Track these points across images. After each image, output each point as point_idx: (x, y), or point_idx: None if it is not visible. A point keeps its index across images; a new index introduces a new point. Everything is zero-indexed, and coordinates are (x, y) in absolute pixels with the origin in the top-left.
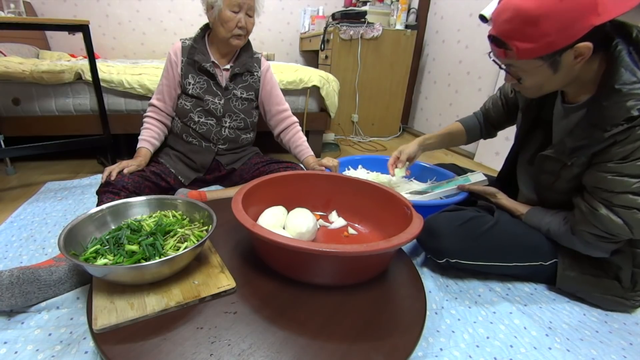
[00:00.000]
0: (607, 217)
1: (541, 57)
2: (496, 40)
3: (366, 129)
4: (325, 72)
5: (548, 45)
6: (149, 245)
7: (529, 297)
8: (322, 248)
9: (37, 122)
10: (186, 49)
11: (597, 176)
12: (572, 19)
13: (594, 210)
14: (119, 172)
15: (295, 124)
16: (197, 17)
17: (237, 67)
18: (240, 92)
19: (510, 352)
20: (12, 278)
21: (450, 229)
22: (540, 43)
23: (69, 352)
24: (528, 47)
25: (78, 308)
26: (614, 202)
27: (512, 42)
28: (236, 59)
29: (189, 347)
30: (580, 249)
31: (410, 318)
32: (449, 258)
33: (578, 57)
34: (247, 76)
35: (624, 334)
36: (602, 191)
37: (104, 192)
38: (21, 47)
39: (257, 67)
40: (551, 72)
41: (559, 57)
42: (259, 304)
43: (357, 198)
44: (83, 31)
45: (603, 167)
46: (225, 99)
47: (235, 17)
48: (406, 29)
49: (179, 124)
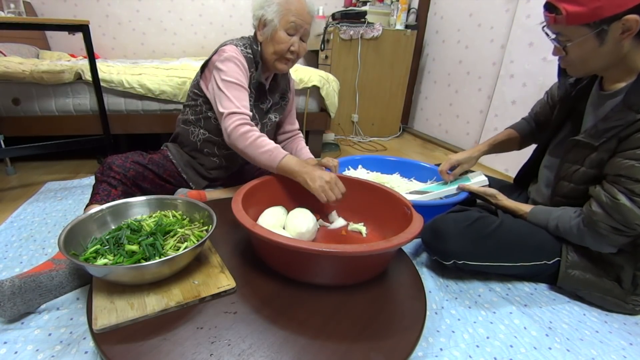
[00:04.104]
0: (626, 207)
1: (588, 25)
2: (548, 5)
3: (366, 129)
4: (325, 72)
5: (596, 10)
6: (149, 245)
7: (529, 297)
8: (322, 248)
9: (37, 122)
10: (248, 60)
11: (622, 164)
12: None
13: (615, 200)
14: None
15: (300, 137)
16: (197, 17)
17: (277, 92)
18: (274, 117)
19: (510, 352)
20: (13, 288)
21: (457, 230)
22: (589, 7)
23: (69, 352)
24: (577, 10)
25: (78, 308)
26: (636, 191)
27: (562, 5)
28: (273, 80)
29: (189, 347)
30: (589, 243)
31: (410, 318)
32: (456, 260)
33: (625, 32)
34: (279, 99)
35: (624, 334)
36: (624, 179)
37: (101, 181)
38: (21, 47)
39: (288, 88)
40: (597, 43)
41: (606, 26)
42: (259, 304)
43: (357, 198)
44: (83, 31)
45: (629, 154)
46: (261, 124)
47: (290, 39)
48: (406, 29)
49: (202, 136)
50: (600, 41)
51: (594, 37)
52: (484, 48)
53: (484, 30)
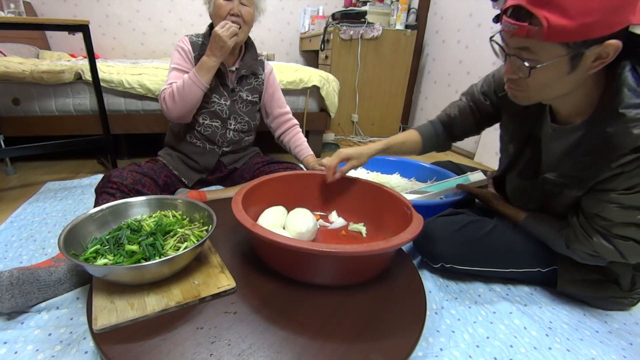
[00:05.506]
0: (601, 245)
1: (567, 45)
2: (518, 12)
3: (366, 129)
4: (325, 72)
5: (585, 28)
6: (149, 245)
7: (529, 297)
8: (322, 248)
9: (37, 122)
10: (195, 44)
11: (598, 204)
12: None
13: (589, 238)
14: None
15: (296, 125)
16: (197, 17)
17: (244, 68)
18: (245, 95)
19: (510, 352)
20: (11, 279)
21: (445, 234)
22: (578, 22)
23: (69, 352)
24: (562, 24)
25: (78, 308)
26: (612, 232)
27: (542, 13)
28: (241, 60)
29: (189, 347)
30: (578, 260)
31: (410, 318)
32: (444, 263)
33: (598, 59)
34: (252, 79)
35: (624, 334)
36: (601, 219)
37: (100, 193)
38: (21, 47)
39: (261, 70)
40: (567, 69)
41: (584, 50)
42: (259, 304)
43: (357, 198)
44: (83, 31)
45: (605, 195)
46: (231, 101)
47: (228, 4)
48: (406, 29)
49: (182, 124)
50: (571, 67)
51: (567, 61)
52: (484, 48)
53: (484, 30)
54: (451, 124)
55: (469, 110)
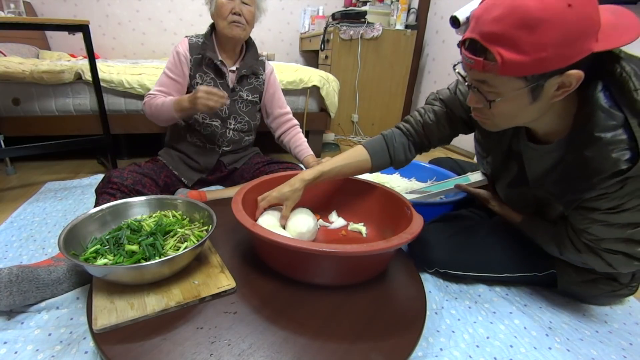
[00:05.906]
0: (589, 258)
1: (525, 78)
2: (474, 46)
3: (366, 129)
4: (325, 72)
5: (540, 62)
6: (149, 245)
7: (529, 297)
8: (322, 248)
9: (37, 122)
10: (194, 46)
11: (584, 221)
12: (576, 35)
13: (577, 252)
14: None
15: (296, 126)
16: (197, 17)
17: (244, 68)
18: (246, 95)
19: (510, 352)
20: (10, 276)
21: (438, 240)
22: (532, 57)
23: (69, 352)
24: (516, 59)
25: (78, 308)
26: (600, 246)
27: (496, 49)
28: (242, 60)
29: (189, 347)
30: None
31: (410, 318)
32: (438, 268)
33: (561, 88)
34: (252, 78)
35: (624, 334)
36: (588, 234)
37: (101, 193)
38: (21, 47)
39: (262, 70)
40: (529, 100)
41: (543, 82)
42: (259, 304)
43: (357, 198)
44: (83, 31)
45: (591, 213)
46: (231, 100)
47: (230, 3)
48: (406, 29)
49: (182, 123)
50: (533, 97)
51: (527, 93)
52: None
53: None
54: (428, 131)
55: (445, 115)
